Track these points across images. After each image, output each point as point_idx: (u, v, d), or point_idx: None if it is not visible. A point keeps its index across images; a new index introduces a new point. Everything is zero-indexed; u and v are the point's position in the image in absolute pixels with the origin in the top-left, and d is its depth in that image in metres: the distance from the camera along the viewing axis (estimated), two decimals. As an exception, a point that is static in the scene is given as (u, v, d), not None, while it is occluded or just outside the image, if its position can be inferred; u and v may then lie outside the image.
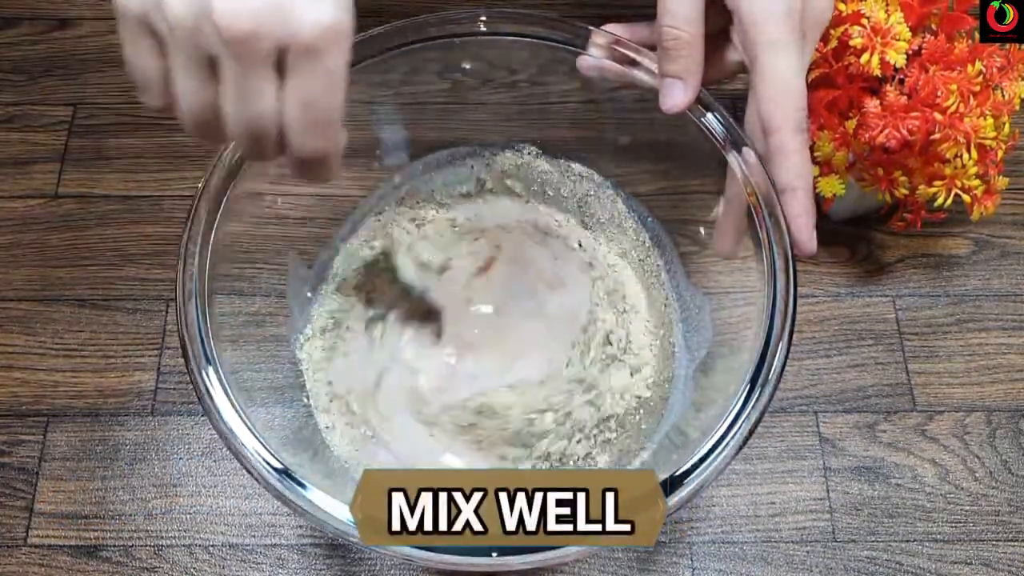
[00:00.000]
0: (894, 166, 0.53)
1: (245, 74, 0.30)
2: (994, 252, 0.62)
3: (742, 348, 0.41)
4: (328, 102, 0.31)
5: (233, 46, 0.29)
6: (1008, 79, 0.52)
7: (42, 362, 0.58)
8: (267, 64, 0.30)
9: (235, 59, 0.29)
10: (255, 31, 0.29)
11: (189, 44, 0.30)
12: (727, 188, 0.43)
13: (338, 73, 0.31)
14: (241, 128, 0.32)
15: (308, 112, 0.31)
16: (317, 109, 0.31)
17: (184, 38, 0.30)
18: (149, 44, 0.31)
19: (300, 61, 0.30)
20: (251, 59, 0.29)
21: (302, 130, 0.32)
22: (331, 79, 0.31)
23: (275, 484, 0.37)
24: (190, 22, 0.29)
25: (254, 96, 0.30)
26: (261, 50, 0.29)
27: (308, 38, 0.29)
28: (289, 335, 0.51)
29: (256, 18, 0.29)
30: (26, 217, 0.63)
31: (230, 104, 0.31)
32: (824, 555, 0.53)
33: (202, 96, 0.31)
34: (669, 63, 0.42)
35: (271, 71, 0.30)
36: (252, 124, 0.31)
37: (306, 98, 0.31)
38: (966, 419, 0.57)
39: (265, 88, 0.30)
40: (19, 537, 0.53)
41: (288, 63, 0.30)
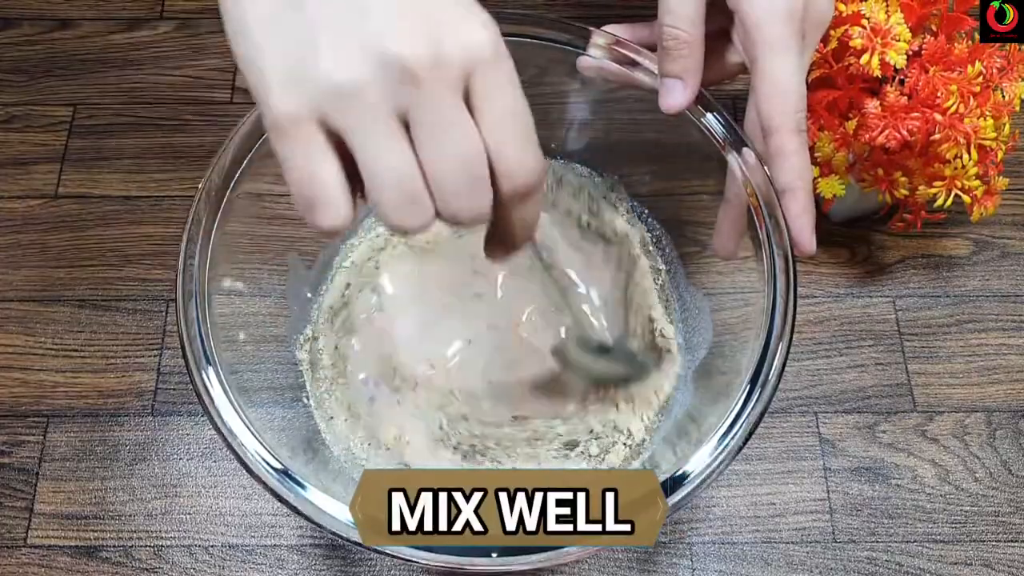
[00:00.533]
0: (894, 167, 0.53)
1: (441, 109, 0.27)
2: (994, 253, 0.62)
3: (742, 349, 0.42)
4: (524, 110, 0.29)
5: (422, 82, 0.27)
6: (1008, 80, 0.52)
7: (42, 362, 0.58)
8: (459, 92, 0.28)
9: (427, 96, 0.27)
10: (438, 59, 0.27)
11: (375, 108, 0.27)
12: (727, 189, 0.43)
13: (517, 80, 0.29)
14: (452, 176, 0.28)
15: (511, 126, 0.29)
16: (518, 120, 0.29)
17: (370, 101, 0.27)
18: (324, 147, 0.28)
19: (487, 78, 0.28)
20: (442, 90, 0.27)
21: (511, 149, 0.29)
22: (517, 87, 0.29)
23: (275, 484, 0.37)
24: (370, 80, 0.27)
25: (456, 131, 0.28)
26: (450, 77, 0.27)
27: (488, 53, 0.28)
28: (289, 335, 0.51)
29: (435, 47, 0.27)
30: (26, 217, 0.63)
31: (433, 152, 0.28)
32: (824, 556, 0.53)
33: (403, 162, 0.28)
34: (669, 63, 0.42)
35: (462, 102, 0.28)
36: (461, 164, 0.28)
37: (504, 111, 0.29)
38: (966, 420, 0.57)
39: (464, 119, 0.28)
40: (19, 537, 0.53)
41: (476, 85, 0.28)
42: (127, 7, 0.71)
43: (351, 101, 0.27)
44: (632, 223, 0.54)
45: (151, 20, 0.71)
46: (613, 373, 0.50)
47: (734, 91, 0.54)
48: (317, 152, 0.28)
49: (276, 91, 0.27)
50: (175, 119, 0.67)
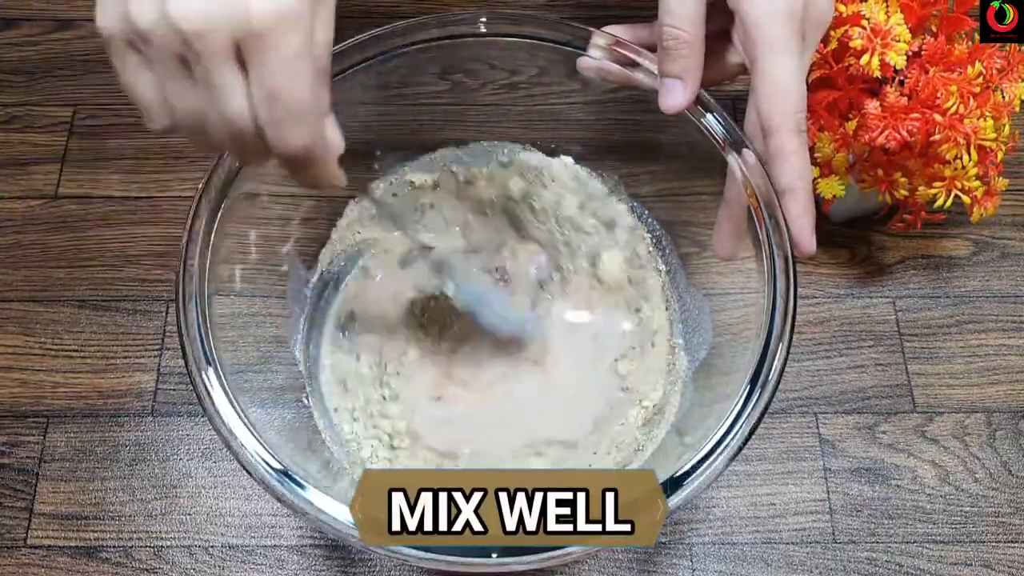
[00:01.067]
0: (894, 167, 0.53)
1: (208, 70, 0.30)
2: (994, 253, 0.62)
3: (742, 349, 0.42)
4: (293, 91, 0.30)
5: (192, 44, 0.29)
6: (1008, 81, 0.52)
7: (42, 363, 0.58)
8: (228, 59, 0.30)
9: (197, 57, 0.29)
10: (207, 24, 0.29)
11: (162, 50, 0.30)
12: (727, 189, 0.43)
13: (298, 59, 0.30)
14: (220, 128, 0.31)
15: (275, 104, 0.30)
16: (284, 100, 0.30)
17: (156, 46, 0.30)
18: (135, 58, 0.31)
19: (256, 51, 0.30)
20: (211, 55, 0.29)
21: (273, 124, 0.31)
22: (291, 66, 0.30)
23: (275, 485, 0.37)
24: (155, 29, 0.29)
25: (222, 93, 0.30)
26: (217, 44, 0.29)
27: (259, 25, 0.29)
28: (289, 335, 0.51)
29: (207, 13, 0.29)
30: (26, 218, 0.63)
31: (207, 105, 0.31)
32: (824, 556, 0.53)
33: (188, 100, 0.31)
34: (669, 63, 0.42)
35: (233, 65, 0.30)
36: (227, 124, 0.31)
37: (270, 89, 0.30)
38: (966, 420, 0.57)
39: (231, 84, 0.30)
40: (19, 538, 0.53)
41: (247, 56, 0.30)
42: (127, 8, 0.71)
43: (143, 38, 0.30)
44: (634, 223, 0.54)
45: (151, 21, 0.71)
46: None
47: (734, 91, 0.54)
48: (132, 66, 0.31)
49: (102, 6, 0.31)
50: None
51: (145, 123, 0.33)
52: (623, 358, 0.51)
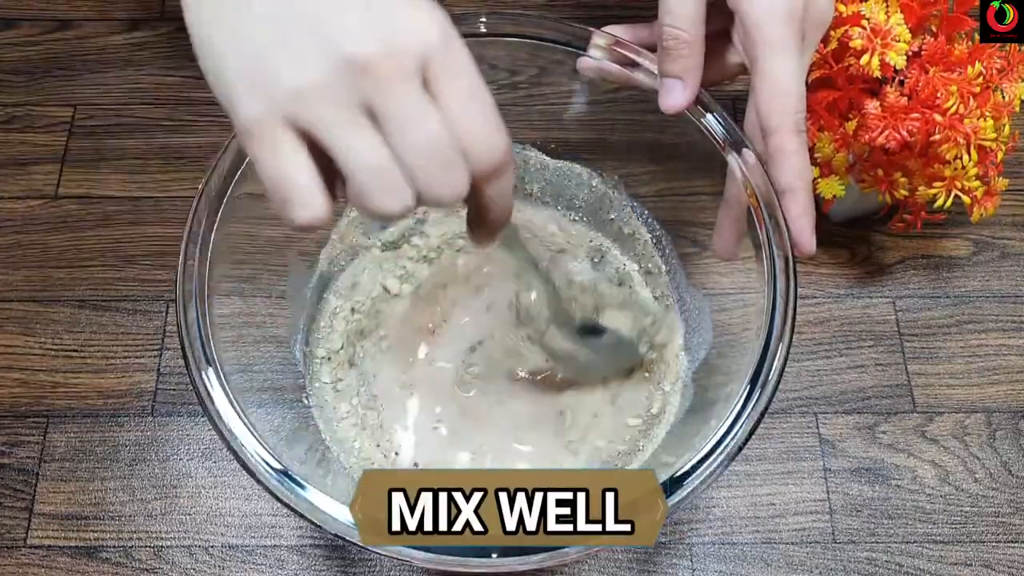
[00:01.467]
0: (894, 167, 0.53)
1: (402, 99, 0.28)
2: (994, 253, 0.62)
3: (742, 349, 0.42)
4: (484, 91, 0.30)
5: (379, 76, 0.28)
6: (1008, 80, 0.52)
7: (42, 363, 0.58)
8: (417, 82, 0.28)
9: (385, 89, 0.28)
10: (391, 52, 0.28)
11: (338, 104, 0.28)
12: (727, 189, 0.43)
13: (474, 65, 0.30)
14: (423, 161, 0.29)
15: (474, 108, 0.30)
16: (479, 102, 0.30)
17: (330, 97, 0.28)
18: (293, 145, 0.29)
19: (443, 66, 0.29)
20: (400, 80, 0.28)
21: (477, 131, 0.30)
22: (474, 71, 0.30)
23: (275, 485, 0.37)
24: (330, 79, 0.28)
25: (420, 119, 0.28)
26: (406, 69, 0.28)
27: (439, 39, 0.29)
28: (289, 335, 0.51)
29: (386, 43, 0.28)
30: (26, 218, 0.63)
31: (402, 141, 0.29)
32: (824, 556, 0.53)
33: (374, 151, 0.29)
34: (669, 63, 0.42)
35: (423, 90, 0.29)
36: (430, 150, 0.29)
37: (464, 95, 0.29)
38: (966, 420, 0.57)
39: (426, 107, 0.29)
40: (19, 538, 0.53)
41: (432, 75, 0.29)
42: (127, 8, 0.71)
43: (313, 101, 0.28)
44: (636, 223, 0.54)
45: (151, 21, 0.71)
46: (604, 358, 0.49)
47: (734, 91, 0.54)
48: (287, 152, 0.29)
49: (242, 97, 0.29)
50: (175, 120, 0.67)
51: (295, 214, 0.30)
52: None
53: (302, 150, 0.29)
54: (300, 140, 0.29)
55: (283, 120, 0.28)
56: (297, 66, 0.28)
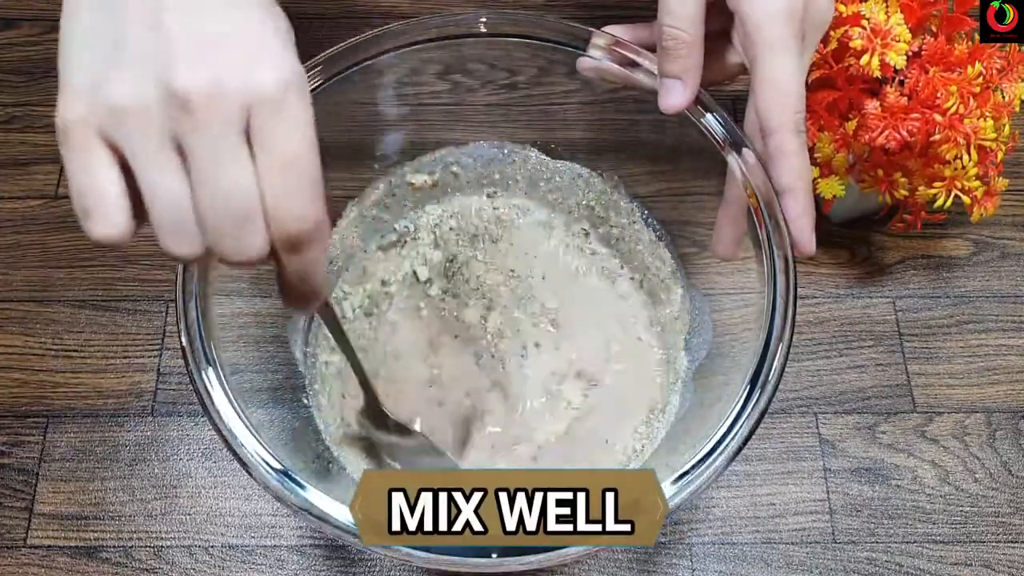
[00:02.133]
0: (894, 167, 0.53)
1: (212, 143, 0.27)
2: (994, 253, 0.62)
3: (742, 349, 0.42)
4: (306, 156, 0.28)
5: (197, 114, 0.27)
6: (1008, 81, 0.52)
7: (42, 363, 0.58)
8: (235, 130, 0.27)
9: (200, 129, 0.27)
10: (216, 94, 0.27)
11: (152, 129, 0.27)
12: (727, 190, 0.43)
13: (309, 124, 0.28)
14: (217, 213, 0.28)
15: (288, 172, 0.28)
16: (297, 168, 0.28)
17: (145, 123, 0.27)
18: (102, 156, 0.28)
19: (269, 119, 0.28)
20: (217, 124, 0.27)
21: (285, 196, 0.28)
22: (303, 132, 0.28)
23: (274, 485, 0.37)
24: (151, 103, 0.27)
25: (226, 167, 0.27)
26: (226, 114, 0.27)
27: (272, 91, 0.27)
28: (289, 335, 0.51)
29: (216, 82, 0.27)
30: (26, 218, 0.63)
31: (203, 186, 0.28)
32: (824, 556, 0.53)
33: (173, 189, 0.28)
34: (669, 63, 0.42)
35: (240, 138, 0.28)
36: (228, 203, 0.28)
37: (283, 155, 0.28)
38: (966, 420, 0.57)
39: (236, 156, 0.28)
40: (19, 538, 0.53)
41: (256, 125, 0.28)
42: (127, 8, 0.71)
43: (126, 119, 0.27)
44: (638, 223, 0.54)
45: (151, 21, 0.71)
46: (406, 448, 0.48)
47: (734, 91, 0.54)
48: (95, 162, 0.28)
49: (67, 98, 0.28)
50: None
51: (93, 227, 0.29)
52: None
53: (111, 166, 0.28)
54: (112, 155, 0.28)
55: (98, 131, 0.28)
56: (124, 83, 0.27)
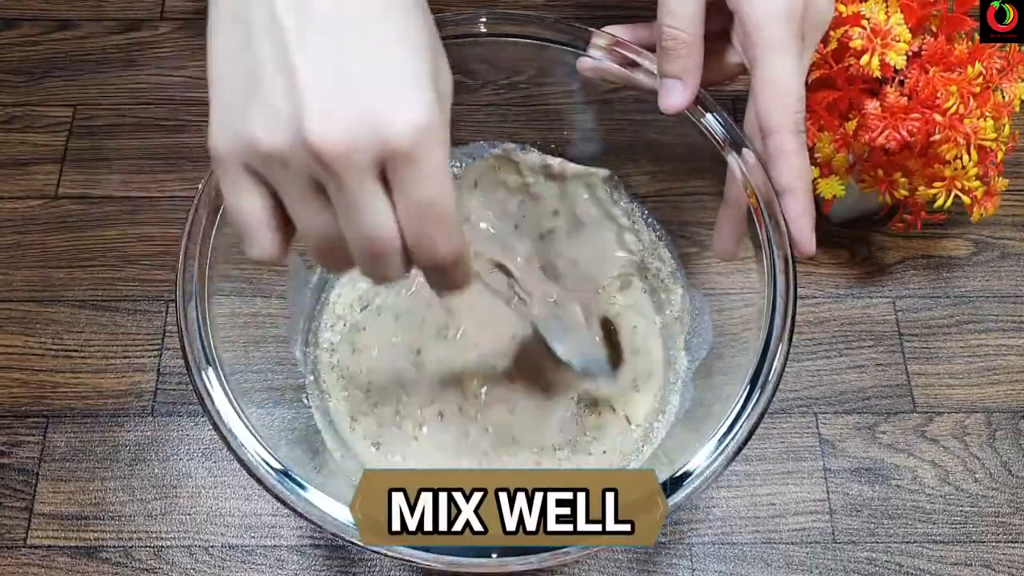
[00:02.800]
0: (894, 167, 0.53)
1: (351, 192, 0.28)
2: (994, 253, 0.62)
3: (742, 349, 0.42)
4: (442, 201, 0.29)
5: (332, 167, 0.28)
6: (1008, 81, 0.52)
7: (42, 363, 0.58)
8: (370, 178, 0.28)
9: (337, 179, 0.28)
10: (350, 148, 0.27)
11: (292, 174, 0.29)
12: (727, 190, 0.43)
13: (442, 169, 0.29)
14: (361, 249, 0.30)
15: (426, 217, 0.29)
16: (435, 212, 0.29)
17: (286, 169, 0.28)
18: (250, 186, 0.30)
19: (402, 168, 0.28)
20: (352, 176, 0.28)
21: (427, 236, 0.30)
22: (437, 177, 0.29)
23: (275, 485, 0.37)
24: (286, 152, 0.28)
25: (366, 213, 0.29)
26: (360, 165, 0.28)
27: (405, 144, 0.28)
28: (289, 335, 0.51)
29: (349, 134, 0.27)
30: (26, 218, 0.63)
31: (346, 226, 0.29)
32: (824, 556, 0.53)
33: (320, 223, 0.30)
34: (668, 63, 0.42)
35: (376, 184, 0.29)
36: (370, 243, 0.30)
37: (419, 203, 0.29)
38: (966, 420, 0.57)
39: (374, 203, 0.29)
40: (19, 538, 0.53)
41: (391, 172, 0.29)
42: (127, 8, 0.71)
43: (271, 163, 0.29)
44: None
45: (151, 21, 0.71)
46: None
47: (734, 91, 0.53)
48: (244, 190, 0.30)
49: (216, 126, 0.29)
50: (175, 120, 0.67)
51: (247, 249, 0.31)
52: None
53: (257, 194, 0.30)
54: (259, 184, 0.30)
55: (244, 163, 0.29)
56: (263, 125, 0.28)
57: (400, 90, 0.28)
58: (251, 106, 0.28)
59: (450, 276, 0.32)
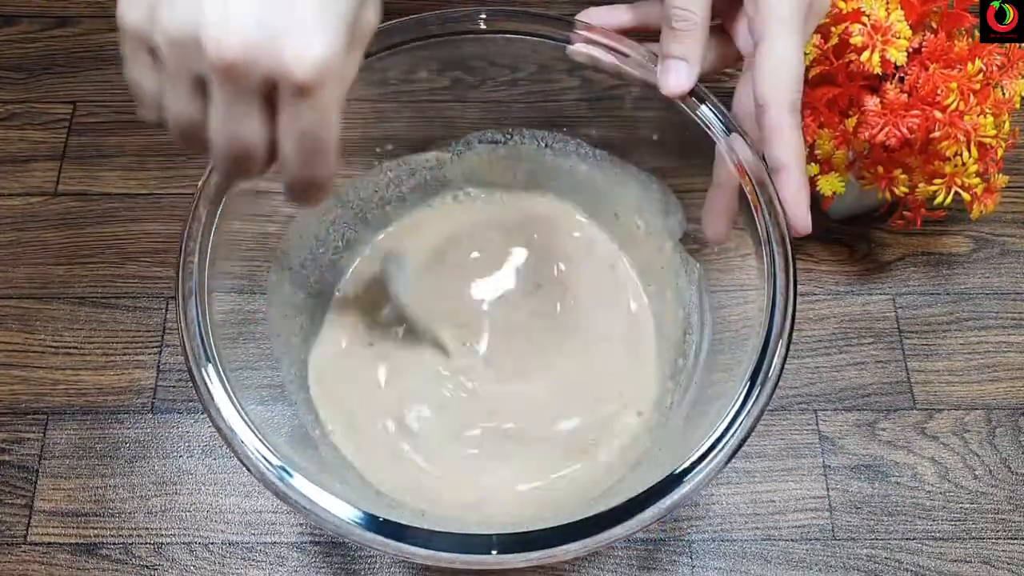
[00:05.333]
0: (894, 164, 0.53)
1: (231, 100, 0.29)
2: (994, 250, 0.62)
3: (742, 346, 0.41)
4: (321, 136, 0.30)
5: (220, 72, 0.28)
6: (1008, 77, 0.52)
7: (42, 360, 0.58)
8: (254, 94, 0.29)
9: (222, 84, 0.29)
10: (243, 60, 0.28)
11: (179, 61, 0.29)
12: (716, 170, 0.43)
13: (331, 109, 0.30)
14: (223, 149, 0.31)
15: (301, 144, 0.30)
16: (310, 142, 0.30)
17: (175, 55, 0.29)
18: (146, 59, 0.31)
19: (291, 98, 0.29)
20: (238, 87, 0.29)
21: (295, 161, 0.31)
22: (324, 115, 0.30)
23: (274, 481, 0.37)
24: (180, 40, 0.29)
25: (239, 122, 0.30)
26: (249, 80, 0.28)
27: (299, 77, 0.28)
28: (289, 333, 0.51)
29: (246, 47, 0.28)
30: (26, 215, 0.63)
31: (215, 124, 0.30)
32: (824, 553, 0.53)
33: (189, 112, 0.31)
34: (675, 44, 0.42)
35: (258, 100, 0.29)
36: (235, 148, 0.31)
37: (299, 131, 0.30)
38: (966, 417, 0.57)
39: (250, 116, 0.30)
40: (19, 535, 0.53)
41: (279, 97, 0.29)
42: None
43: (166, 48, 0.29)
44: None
45: (151, 17, 0.71)
46: None
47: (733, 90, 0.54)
48: (140, 64, 0.31)
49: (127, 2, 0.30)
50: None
51: (137, 109, 0.33)
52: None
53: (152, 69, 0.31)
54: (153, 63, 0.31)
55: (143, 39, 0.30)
56: (173, 16, 0.29)
57: (310, 20, 0.29)
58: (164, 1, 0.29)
59: (310, 194, 0.33)
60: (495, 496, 0.47)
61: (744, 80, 0.42)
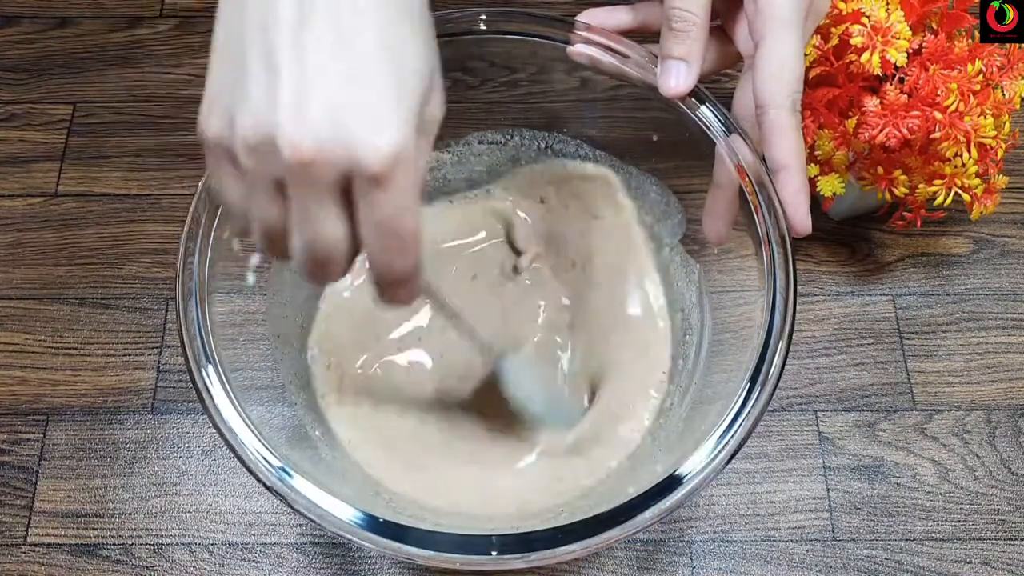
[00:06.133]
0: (894, 165, 0.53)
1: (308, 200, 0.29)
2: (994, 251, 0.62)
3: (742, 347, 0.41)
4: (400, 224, 0.30)
5: (296, 172, 0.28)
6: (1008, 78, 0.52)
7: (42, 361, 0.58)
8: (331, 191, 0.29)
9: (298, 184, 0.29)
10: (317, 160, 0.28)
11: (258, 166, 0.29)
12: (716, 171, 0.43)
13: (407, 197, 0.30)
14: (303, 251, 0.31)
15: (381, 234, 0.30)
16: (389, 231, 0.30)
17: (254, 160, 0.29)
18: (229, 168, 0.30)
19: (368, 188, 0.29)
20: (314, 186, 0.29)
21: (377, 253, 0.31)
22: (400, 203, 0.29)
23: (274, 482, 0.37)
24: (257, 145, 0.29)
25: (317, 222, 0.30)
26: (324, 178, 0.28)
27: (373, 168, 0.28)
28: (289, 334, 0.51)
29: (319, 146, 0.28)
30: (26, 216, 0.63)
31: (294, 226, 0.30)
32: (824, 554, 0.53)
33: (271, 217, 0.31)
34: (675, 44, 0.42)
35: (335, 197, 0.29)
36: (316, 248, 0.31)
37: (377, 221, 0.30)
38: (966, 418, 0.57)
39: (328, 215, 0.30)
40: (19, 536, 0.53)
41: (356, 189, 0.29)
42: (126, 5, 0.71)
43: (246, 156, 0.29)
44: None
45: (151, 18, 0.71)
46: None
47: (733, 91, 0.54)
48: (225, 174, 0.31)
49: (204, 109, 0.30)
50: (175, 117, 0.67)
51: (229, 223, 0.33)
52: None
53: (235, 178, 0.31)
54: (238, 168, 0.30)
55: (225, 149, 0.30)
56: (246, 122, 0.29)
57: (380, 112, 0.28)
58: (240, 101, 0.29)
59: (398, 292, 0.33)
60: (495, 496, 0.47)
61: (744, 81, 0.42)
